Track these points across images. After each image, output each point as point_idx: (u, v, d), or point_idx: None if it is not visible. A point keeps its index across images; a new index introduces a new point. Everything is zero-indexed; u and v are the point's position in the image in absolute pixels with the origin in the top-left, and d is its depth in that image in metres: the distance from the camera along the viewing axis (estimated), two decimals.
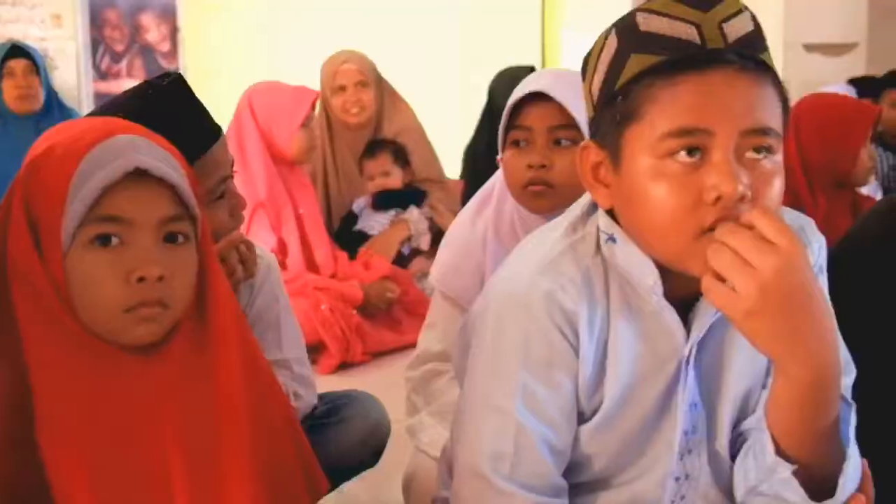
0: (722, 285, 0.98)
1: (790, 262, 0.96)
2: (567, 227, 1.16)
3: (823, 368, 1.01)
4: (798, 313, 0.98)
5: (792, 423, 1.05)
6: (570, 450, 1.14)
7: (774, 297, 0.96)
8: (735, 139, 1.02)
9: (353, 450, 1.74)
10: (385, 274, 3.30)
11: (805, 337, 0.99)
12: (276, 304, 1.69)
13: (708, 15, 1.04)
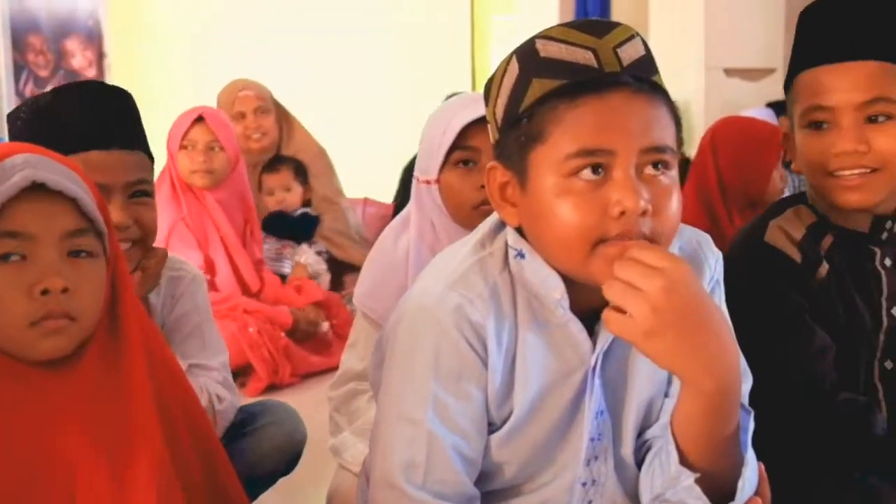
0: (619, 314, 1.05)
1: (675, 280, 1.02)
2: (476, 243, 1.20)
3: (726, 378, 1.07)
4: (694, 328, 1.04)
5: (697, 432, 1.10)
6: (481, 459, 1.17)
7: (667, 314, 1.02)
8: (635, 157, 1.08)
9: (268, 458, 1.76)
10: (317, 299, 3.32)
11: (705, 350, 1.05)
12: (196, 313, 1.72)
13: (603, 41, 1.10)
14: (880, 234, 1.52)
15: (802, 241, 1.51)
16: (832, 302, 1.49)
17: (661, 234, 1.10)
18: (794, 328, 1.46)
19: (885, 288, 1.52)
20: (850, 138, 1.44)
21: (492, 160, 1.18)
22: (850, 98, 1.45)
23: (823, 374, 1.45)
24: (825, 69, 1.48)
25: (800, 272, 1.48)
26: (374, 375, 1.26)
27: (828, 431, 1.43)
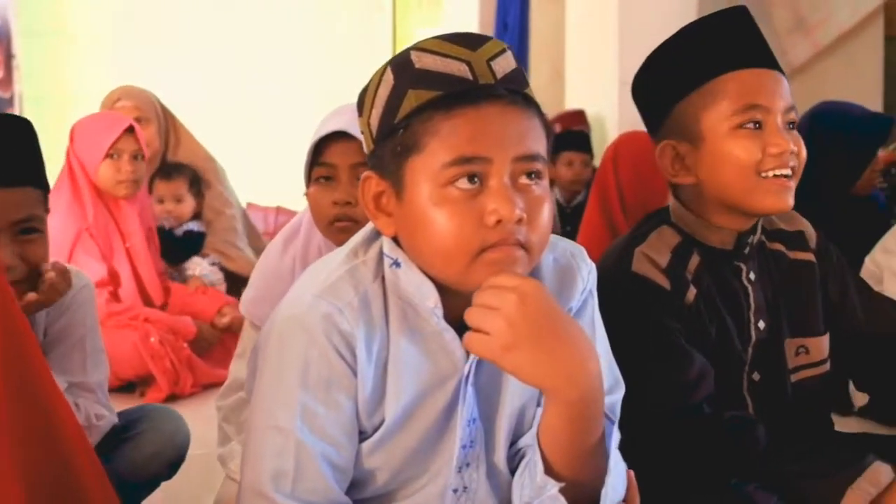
0: (478, 334, 1.07)
1: (527, 294, 1.06)
2: (349, 252, 1.21)
3: (587, 388, 1.09)
4: (551, 339, 1.06)
5: (561, 442, 1.12)
6: (352, 467, 1.18)
7: (523, 327, 1.05)
8: (509, 165, 1.10)
9: (147, 464, 1.76)
10: (222, 303, 3.29)
11: (564, 360, 1.07)
12: (82, 325, 1.71)
13: (476, 53, 1.12)
14: (744, 249, 1.56)
15: (668, 266, 1.52)
16: (703, 323, 1.51)
17: (533, 242, 1.12)
18: (673, 356, 1.47)
19: (752, 302, 1.56)
20: (786, 138, 1.47)
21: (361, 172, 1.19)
22: (780, 102, 1.48)
23: (705, 399, 1.47)
24: (757, 72, 1.49)
25: (670, 298, 1.50)
26: (249, 384, 1.25)
27: (716, 450, 1.45)
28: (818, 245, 1.64)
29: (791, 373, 1.58)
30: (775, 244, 1.62)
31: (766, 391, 1.56)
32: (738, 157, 1.48)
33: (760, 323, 1.56)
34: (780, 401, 1.56)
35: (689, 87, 1.51)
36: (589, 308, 1.27)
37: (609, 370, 1.27)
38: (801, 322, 1.59)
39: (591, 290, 1.28)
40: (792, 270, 1.61)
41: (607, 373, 1.26)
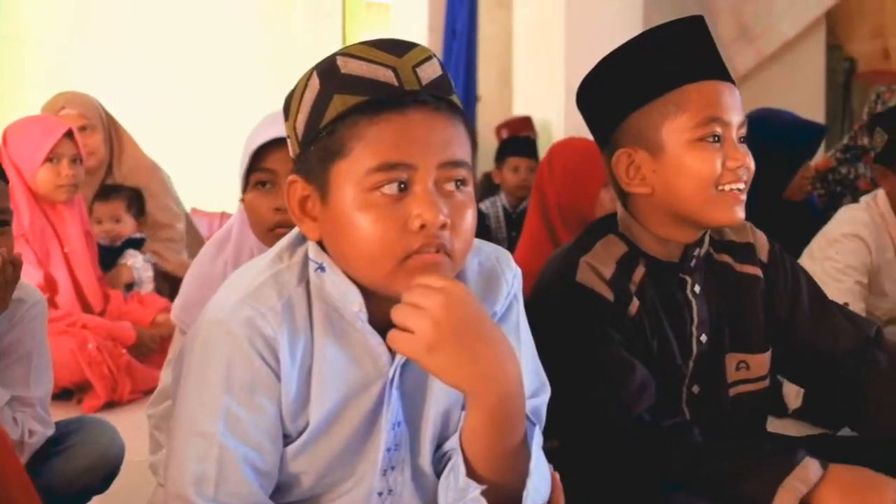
0: (403, 333, 1.08)
1: (454, 297, 1.07)
2: (273, 256, 1.21)
3: (507, 391, 1.10)
4: (474, 342, 1.08)
5: (482, 445, 1.13)
6: (277, 471, 1.18)
7: (447, 328, 1.06)
8: (434, 171, 1.11)
9: (80, 477, 1.75)
10: (161, 308, 3.26)
11: (486, 363, 1.09)
12: (31, 339, 1.70)
13: (402, 60, 1.13)
14: (690, 261, 1.55)
15: (612, 277, 1.51)
16: (645, 336, 1.51)
17: (457, 248, 1.14)
18: (615, 366, 1.47)
19: (695, 316, 1.56)
20: (742, 152, 1.47)
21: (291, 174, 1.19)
22: (737, 116, 1.48)
23: (645, 409, 1.47)
24: (717, 84, 1.48)
25: (613, 310, 1.49)
26: (174, 389, 1.25)
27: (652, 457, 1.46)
28: (770, 258, 1.63)
29: (730, 387, 1.58)
30: (722, 255, 1.61)
31: (704, 404, 1.56)
32: (697, 170, 1.47)
33: (703, 337, 1.56)
34: (717, 413, 1.57)
35: (649, 97, 1.49)
36: (514, 312, 1.28)
37: (535, 373, 1.29)
38: (743, 337, 1.59)
39: (516, 294, 1.29)
40: (737, 283, 1.60)
41: (533, 376, 1.28)
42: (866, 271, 2.47)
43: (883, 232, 2.51)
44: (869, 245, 2.47)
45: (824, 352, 1.61)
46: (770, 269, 1.62)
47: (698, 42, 1.50)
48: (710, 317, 1.57)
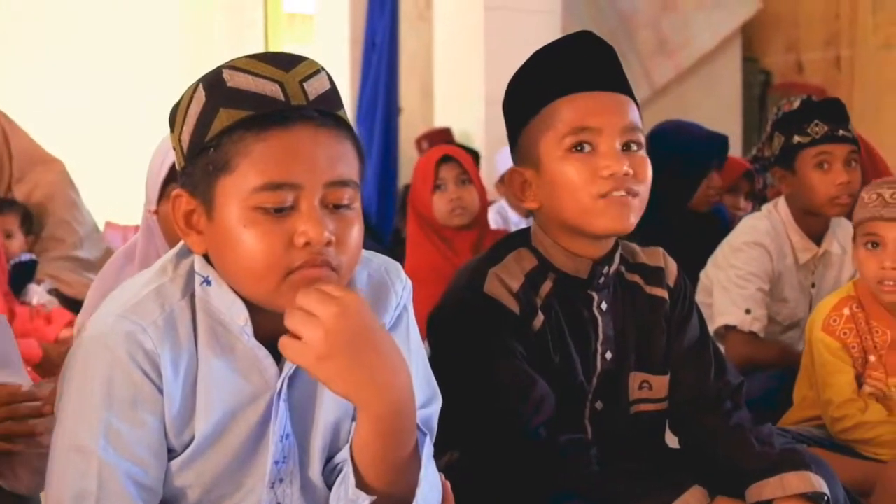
0: (294, 340, 1.08)
1: (349, 307, 1.07)
2: (157, 269, 1.20)
3: (397, 403, 1.11)
4: (365, 353, 1.08)
5: (372, 455, 1.13)
6: (161, 486, 1.17)
7: (339, 339, 1.06)
8: (321, 190, 1.12)
9: None
10: (66, 322, 3.20)
11: (376, 374, 1.09)
12: None
13: (289, 74, 1.13)
14: (598, 278, 1.56)
15: (520, 290, 1.51)
16: (548, 350, 1.52)
17: (343, 263, 1.14)
18: (516, 379, 1.48)
19: (600, 333, 1.56)
20: (620, 160, 1.46)
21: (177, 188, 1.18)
22: (616, 123, 1.47)
23: (542, 423, 1.48)
24: (591, 95, 1.49)
25: (518, 322, 1.50)
26: (56, 405, 1.23)
27: (548, 472, 1.47)
28: (675, 285, 1.65)
29: (632, 405, 1.60)
30: (634, 276, 1.62)
31: (606, 420, 1.58)
32: (570, 182, 1.48)
33: (608, 354, 1.57)
34: (618, 430, 1.58)
35: (529, 114, 1.52)
36: (403, 322, 1.29)
37: (426, 383, 1.30)
38: (647, 357, 1.60)
39: (406, 305, 1.30)
40: (646, 304, 1.61)
41: (424, 386, 1.29)
42: (768, 278, 2.53)
43: (783, 239, 2.58)
44: (770, 252, 2.54)
45: (685, 389, 1.62)
46: (674, 294, 1.64)
47: (576, 57, 1.52)
48: (616, 335, 1.58)
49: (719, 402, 1.61)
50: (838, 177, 2.47)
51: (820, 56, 6.91)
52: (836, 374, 2.15)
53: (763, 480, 1.47)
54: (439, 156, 2.82)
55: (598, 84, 1.51)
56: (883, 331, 2.17)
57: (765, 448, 1.53)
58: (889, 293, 2.10)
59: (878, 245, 2.09)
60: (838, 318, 2.18)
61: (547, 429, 1.48)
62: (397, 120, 5.47)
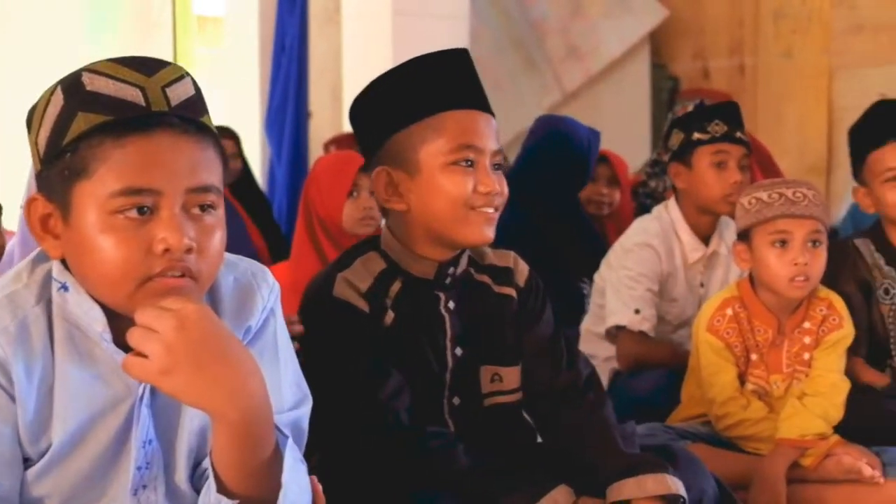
0: (136, 357, 1.07)
1: (188, 318, 1.06)
2: (12, 276, 1.18)
3: (248, 409, 1.10)
4: (210, 363, 1.06)
5: (230, 461, 1.12)
6: (16, 495, 1.15)
7: (180, 352, 1.05)
8: (181, 196, 1.11)
9: None
10: None
11: (224, 382, 1.08)
12: None
13: (151, 79, 1.12)
14: (444, 279, 1.64)
15: (369, 290, 1.59)
16: (401, 346, 1.59)
17: (203, 271, 1.14)
18: (369, 374, 1.54)
19: (448, 330, 1.64)
20: (493, 179, 1.58)
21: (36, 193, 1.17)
22: (491, 145, 1.58)
23: (399, 413, 1.54)
24: (473, 113, 1.59)
25: (368, 320, 1.57)
26: None
27: (414, 463, 1.51)
28: (526, 284, 1.73)
29: (485, 397, 1.67)
30: (483, 276, 1.70)
31: (465, 415, 1.64)
32: (449, 192, 1.57)
33: (457, 350, 1.64)
34: (477, 424, 1.65)
35: (410, 119, 1.58)
36: (270, 326, 1.29)
37: (296, 385, 1.30)
38: (496, 351, 1.68)
39: (273, 308, 1.29)
40: (495, 302, 1.69)
41: (294, 388, 1.29)
42: (657, 278, 2.59)
43: (672, 239, 2.64)
44: (659, 253, 2.59)
45: (538, 381, 1.70)
46: (524, 293, 1.72)
47: (460, 73, 1.61)
48: (465, 331, 1.65)
49: (577, 393, 1.67)
50: (732, 175, 2.55)
51: (725, 63, 7.07)
52: (720, 373, 2.21)
53: (622, 480, 1.53)
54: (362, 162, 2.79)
55: (478, 104, 1.61)
56: (764, 330, 2.24)
57: (627, 448, 1.60)
58: (799, 288, 2.16)
59: (786, 243, 2.15)
60: (722, 319, 2.24)
61: (409, 420, 1.53)
62: (307, 124, 5.44)
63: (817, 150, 6.50)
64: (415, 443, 1.52)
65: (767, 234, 2.17)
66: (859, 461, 2.02)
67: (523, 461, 1.59)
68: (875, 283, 2.42)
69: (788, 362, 2.24)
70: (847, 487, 2.05)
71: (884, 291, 2.42)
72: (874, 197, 2.41)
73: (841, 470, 2.05)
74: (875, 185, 2.39)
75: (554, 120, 3.39)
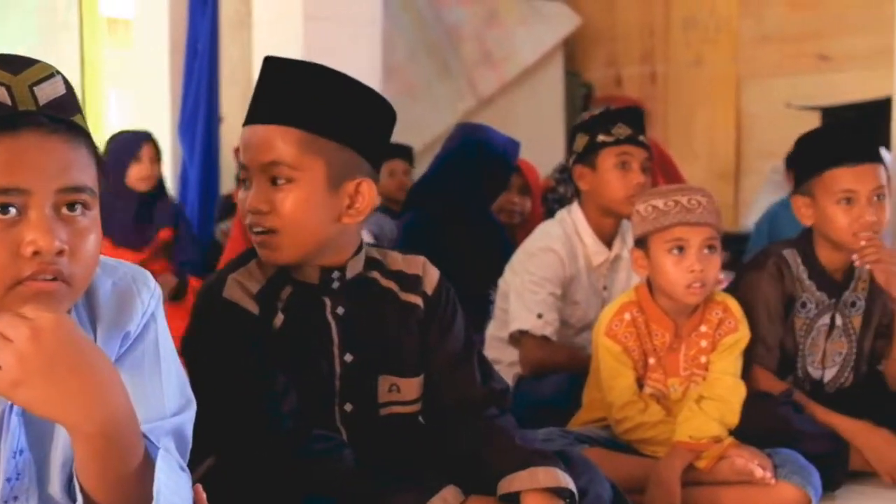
0: None
1: (42, 329, 1.01)
2: None
3: (109, 421, 1.06)
4: (66, 375, 1.02)
5: (92, 473, 1.09)
6: None
7: (34, 362, 1.00)
8: (52, 197, 1.07)
9: None
10: None
11: (81, 395, 1.04)
12: None
13: (18, 78, 1.09)
14: (329, 284, 1.61)
15: (259, 292, 1.57)
16: (289, 350, 1.57)
17: (76, 274, 1.10)
18: (253, 375, 1.53)
19: (336, 336, 1.60)
20: (253, 193, 1.54)
21: None
22: (257, 158, 1.53)
23: (283, 415, 1.53)
24: (250, 128, 1.56)
25: (257, 322, 1.55)
26: None
27: (300, 466, 1.49)
28: (435, 293, 1.68)
29: (381, 407, 1.64)
30: (389, 282, 1.67)
31: (358, 422, 1.62)
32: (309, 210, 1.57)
33: (347, 356, 1.61)
34: (372, 432, 1.62)
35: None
36: (151, 331, 1.25)
37: (179, 391, 1.27)
38: (395, 360, 1.64)
39: (154, 313, 1.26)
40: (399, 310, 1.66)
41: (177, 393, 1.26)
42: (560, 283, 2.61)
43: (576, 243, 2.66)
44: (562, 257, 2.61)
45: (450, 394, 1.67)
46: (432, 302, 1.68)
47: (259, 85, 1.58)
48: (358, 338, 1.62)
49: (485, 406, 1.66)
50: (636, 177, 2.59)
51: (637, 71, 7.20)
52: (618, 377, 2.23)
53: (514, 474, 1.53)
54: None
55: (262, 117, 1.58)
56: (661, 334, 2.27)
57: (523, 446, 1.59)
58: (696, 294, 2.20)
59: (683, 250, 2.18)
60: (620, 323, 2.27)
61: (294, 421, 1.52)
62: (219, 129, 5.38)
63: (726, 156, 6.65)
64: (298, 445, 1.50)
65: (664, 241, 2.20)
66: (751, 463, 2.06)
67: (414, 465, 1.58)
68: (796, 295, 2.46)
69: (686, 366, 2.28)
70: (740, 489, 2.08)
71: (801, 305, 2.46)
72: (818, 210, 2.42)
73: (734, 471, 2.08)
74: (824, 201, 2.39)
75: (472, 128, 3.41)
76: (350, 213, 1.57)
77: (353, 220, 1.58)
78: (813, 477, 2.08)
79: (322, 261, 1.60)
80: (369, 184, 1.57)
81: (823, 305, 2.48)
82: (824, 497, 2.14)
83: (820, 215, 2.41)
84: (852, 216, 2.35)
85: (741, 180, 6.63)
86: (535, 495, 1.50)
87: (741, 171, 6.65)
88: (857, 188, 2.35)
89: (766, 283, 2.44)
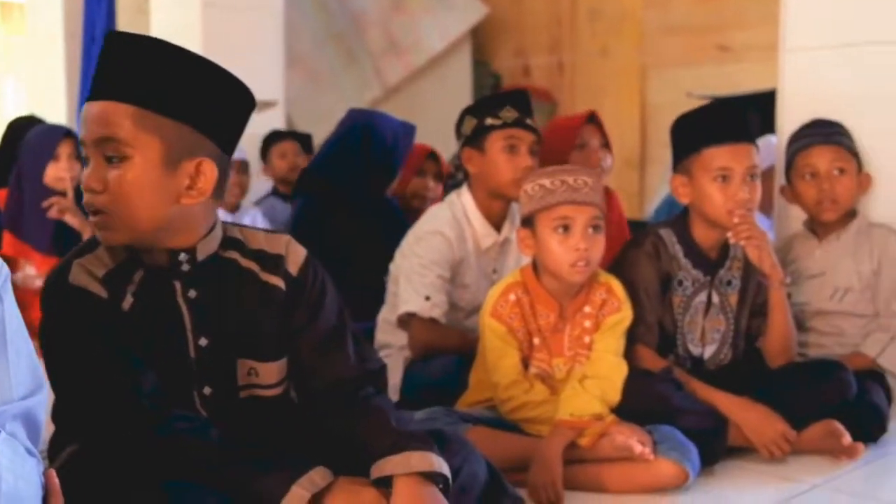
0: None
1: None
2: None
3: None
4: None
5: None
6: None
7: None
8: None
9: None
10: None
11: None
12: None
13: None
14: (179, 266, 1.56)
15: (107, 276, 1.53)
16: (141, 333, 1.53)
17: None
18: (104, 359, 1.50)
19: (188, 320, 1.56)
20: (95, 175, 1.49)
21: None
22: (91, 134, 1.47)
23: (139, 397, 1.51)
24: (87, 104, 1.52)
25: (106, 305, 1.52)
26: None
27: (163, 447, 1.47)
28: (300, 272, 1.63)
29: (242, 389, 1.61)
30: (250, 262, 1.62)
31: (218, 406, 1.59)
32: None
33: (202, 340, 1.57)
34: (235, 414, 1.60)
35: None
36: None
37: (30, 373, 1.23)
38: (253, 344, 1.60)
39: (1, 294, 1.22)
40: (259, 291, 1.61)
41: (27, 377, 1.22)
42: (448, 265, 2.60)
43: (464, 226, 2.66)
44: (450, 240, 2.61)
45: (324, 376, 1.64)
46: (296, 283, 1.63)
47: (99, 61, 1.53)
48: (213, 321, 1.58)
49: (360, 386, 1.64)
50: (523, 161, 2.60)
51: (545, 61, 7.24)
52: (504, 357, 2.25)
53: (387, 457, 1.50)
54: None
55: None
56: (546, 314, 2.29)
57: (398, 429, 1.56)
58: (580, 273, 2.22)
59: (568, 228, 2.20)
60: (505, 304, 2.28)
61: (154, 401, 1.50)
62: None
63: (631, 145, 6.73)
64: (159, 423, 1.48)
65: (550, 219, 2.22)
66: (630, 440, 2.08)
67: (284, 447, 1.56)
68: (673, 273, 2.50)
69: (570, 345, 2.30)
70: (621, 466, 2.11)
71: (678, 283, 2.50)
72: (695, 188, 2.46)
73: (614, 448, 2.11)
74: (702, 179, 2.44)
75: (359, 113, 3.39)
76: (191, 194, 1.51)
77: (193, 200, 1.52)
78: (691, 453, 2.12)
79: (169, 243, 1.54)
80: (210, 164, 1.51)
81: (699, 283, 2.52)
82: (703, 471, 2.18)
83: (696, 193, 2.46)
84: (727, 194, 2.41)
85: (646, 168, 6.73)
86: (407, 480, 1.48)
87: (646, 160, 6.74)
88: (732, 166, 2.40)
89: (643, 261, 2.47)
